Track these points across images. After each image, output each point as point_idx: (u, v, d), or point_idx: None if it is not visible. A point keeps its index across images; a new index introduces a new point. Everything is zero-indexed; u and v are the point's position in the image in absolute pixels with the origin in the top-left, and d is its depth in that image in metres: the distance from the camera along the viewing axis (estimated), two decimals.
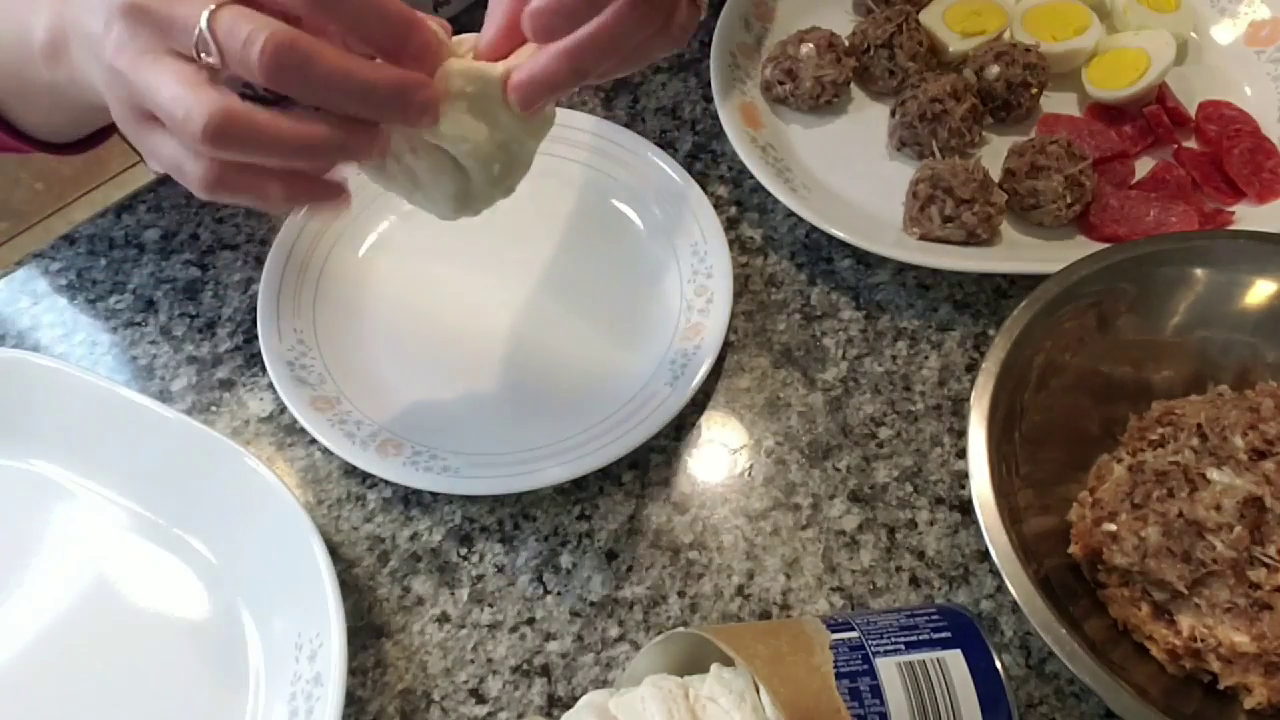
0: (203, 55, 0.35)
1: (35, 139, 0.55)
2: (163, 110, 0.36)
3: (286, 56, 0.34)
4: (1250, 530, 0.43)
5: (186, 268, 0.63)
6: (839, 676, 0.39)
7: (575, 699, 0.44)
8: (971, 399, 0.47)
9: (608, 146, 0.65)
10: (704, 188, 0.63)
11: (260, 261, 0.61)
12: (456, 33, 0.41)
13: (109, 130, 0.58)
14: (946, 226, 0.59)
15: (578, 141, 0.65)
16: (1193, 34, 0.71)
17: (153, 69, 0.36)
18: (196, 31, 0.34)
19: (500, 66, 0.39)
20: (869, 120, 0.69)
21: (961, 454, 0.55)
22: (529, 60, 0.39)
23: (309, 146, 0.37)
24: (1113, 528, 0.46)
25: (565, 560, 0.53)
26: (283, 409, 0.56)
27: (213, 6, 0.34)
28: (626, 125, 0.66)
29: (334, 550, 0.52)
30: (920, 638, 0.41)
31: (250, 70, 0.34)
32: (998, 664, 0.41)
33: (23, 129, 0.54)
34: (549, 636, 0.50)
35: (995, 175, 0.62)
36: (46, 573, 0.51)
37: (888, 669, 0.40)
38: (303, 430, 0.55)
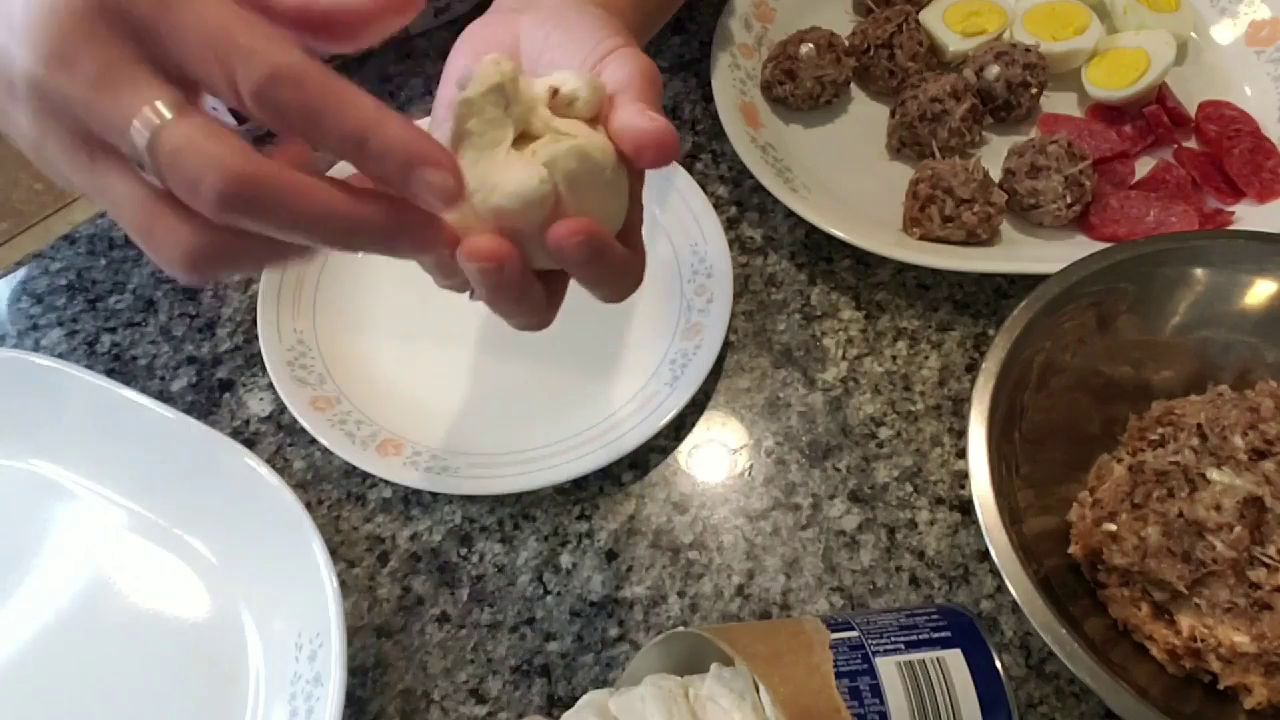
0: (141, 166, 0.28)
1: None
2: (126, 228, 0.30)
3: (241, 196, 0.27)
4: (1250, 530, 0.43)
5: None
6: (839, 676, 0.39)
7: (575, 699, 0.44)
8: (971, 399, 0.47)
9: None
10: (704, 188, 0.62)
11: None
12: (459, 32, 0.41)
13: None
14: (946, 226, 0.59)
15: None
16: (1193, 34, 0.71)
17: (90, 176, 0.30)
18: (129, 146, 0.28)
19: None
20: (869, 120, 0.68)
21: (961, 454, 0.55)
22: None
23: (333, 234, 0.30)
24: (1113, 528, 0.46)
25: (565, 560, 0.53)
26: (283, 409, 0.56)
27: (155, 122, 0.27)
28: None
29: (334, 550, 0.52)
30: (920, 637, 0.41)
31: (198, 207, 0.28)
32: (998, 664, 0.41)
33: None
34: (549, 636, 0.50)
35: (995, 175, 0.62)
36: (46, 573, 0.51)
37: (887, 668, 0.40)
38: (303, 430, 0.55)
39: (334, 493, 0.55)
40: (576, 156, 0.33)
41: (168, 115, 0.27)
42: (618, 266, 0.36)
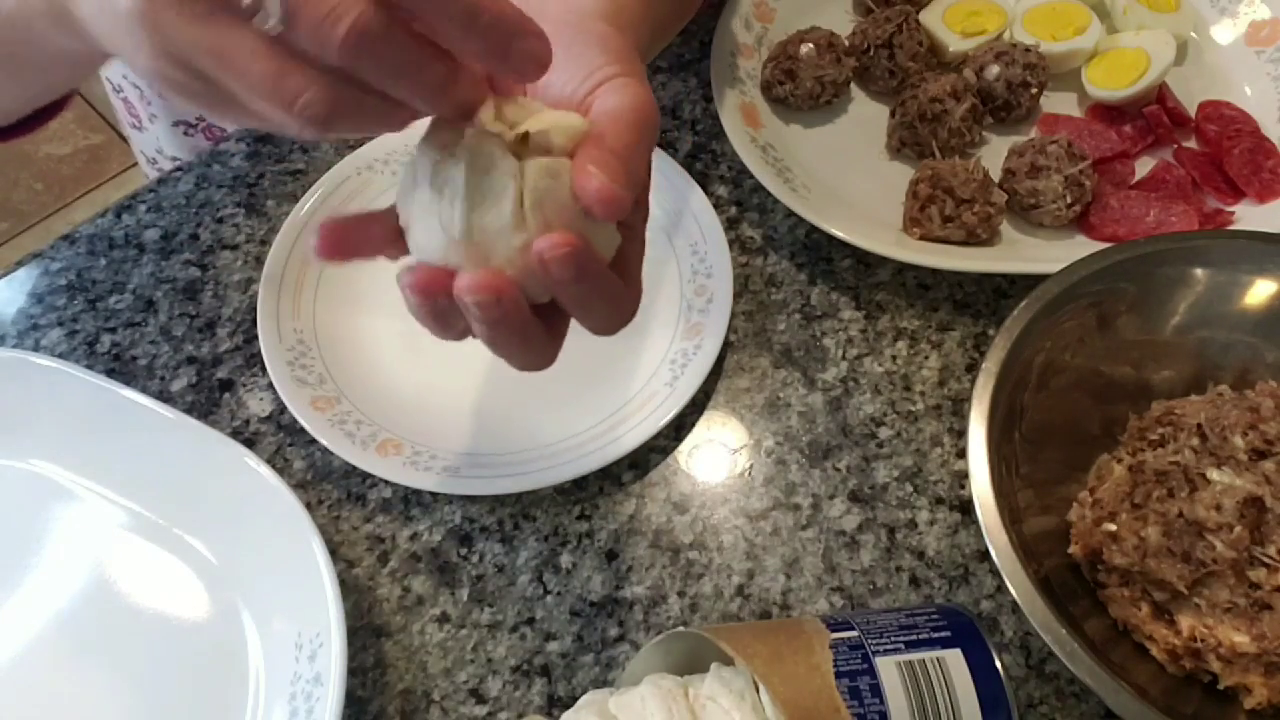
0: (258, 17, 0.29)
1: None
2: (241, 93, 0.31)
3: (371, 42, 0.29)
4: (1250, 530, 0.43)
5: (186, 268, 0.63)
6: (839, 675, 0.39)
7: (575, 699, 0.44)
8: (971, 399, 0.47)
9: None
10: (704, 188, 0.63)
11: (260, 261, 0.61)
12: None
13: (50, 111, 0.55)
14: (946, 226, 0.59)
15: None
16: (1193, 34, 0.71)
17: (206, 31, 0.30)
18: None
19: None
20: (869, 120, 0.68)
21: (961, 454, 0.55)
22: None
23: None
24: (1113, 528, 0.46)
25: (565, 560, 0.53)
26: (283, 409, 0.56)
27: None
28: None
29: (334, 550, 0.52)
30: (920, 637, 0.41)
31: (323, 46, 0.29)
32: (997, 664, 0.41)
33: None
34: (549, 636, 0.50)
35: (995, 175, 0.62)
36: (46, 573, 0.51)
37: (887, 668, 0.40)
38: (303, 430, 0.55)
39: (334, 493, 0.55)
40: (547, 173, 0.33)
41: None
42: (605, 290, 0.36)
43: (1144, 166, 0.65)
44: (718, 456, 0.56)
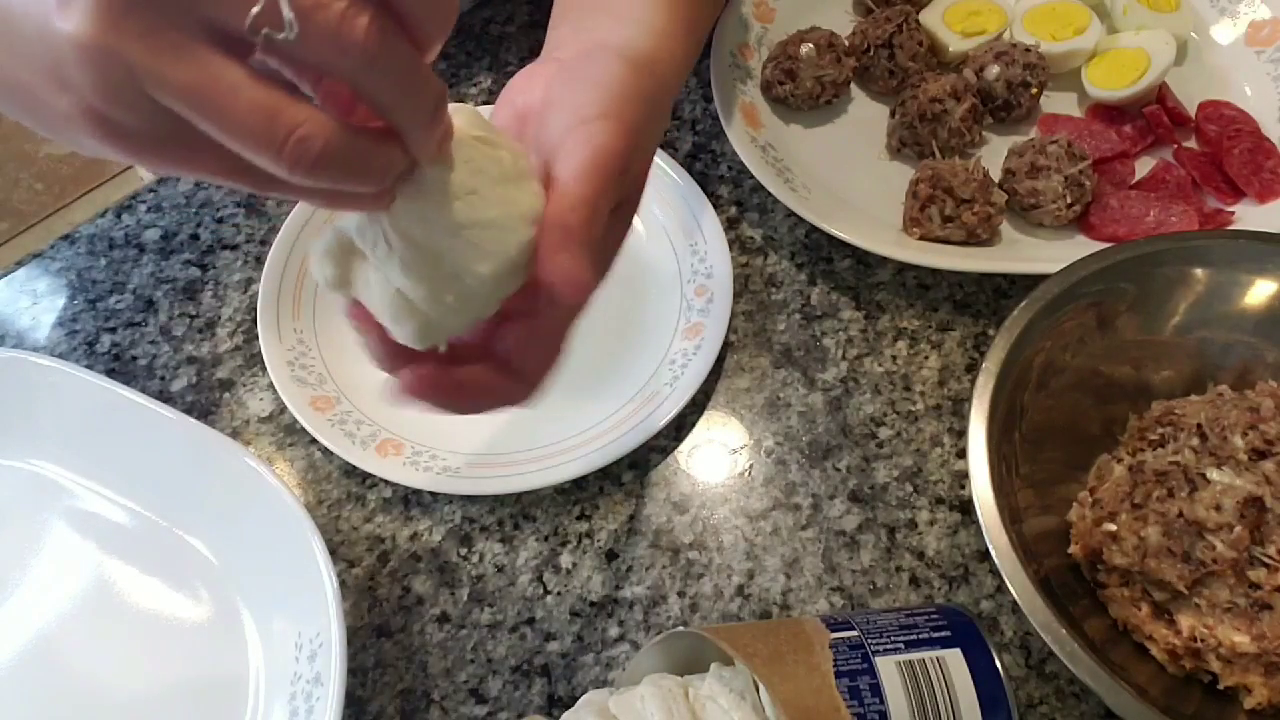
0: (265, 31, 0.25)
1: None
2: (221, 132, 0.26)
3: (388, 44, 0.26)
4: (1250, 530, 0.43)
5: (186, 268, 0.63)
6: (838, 675, 0.39)
7: (575, 699, 0.44)
8: (971, 399, 0.47)
9: None
10: (704, 188, 0.62)
11: (260, 261, 0.61)
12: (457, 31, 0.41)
13: None
14: (946, 226, 0.59)
15: None
16: (1193, 34, 0.71)
17: (180, 65, 0.25)
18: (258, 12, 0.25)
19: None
20: (869, 120, 0.68)
21: (961, 454, 0.55)
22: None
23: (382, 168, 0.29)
24: (1113, 528, 0.46)
25: (565, 560, 0.53)
26: (283, 409, 0.56)
27: None
28: None
29: (334, 550, 0.52)
30: (920, 637, 0.41)
31: (342, 46, 0.26)
32: (997, 663, 0.41)
33: None
34: (549, 636, 0.50)
35: (995, 175, 0.62)
36: (46, 573, 0.51)
37: (887, 668, 0.40)
38: (303, 430, 0.55)
39: (334, 493, 0.55)
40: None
41: None
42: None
43: (1144, 166, 0.65)
44: (718, 456, 0.56)
